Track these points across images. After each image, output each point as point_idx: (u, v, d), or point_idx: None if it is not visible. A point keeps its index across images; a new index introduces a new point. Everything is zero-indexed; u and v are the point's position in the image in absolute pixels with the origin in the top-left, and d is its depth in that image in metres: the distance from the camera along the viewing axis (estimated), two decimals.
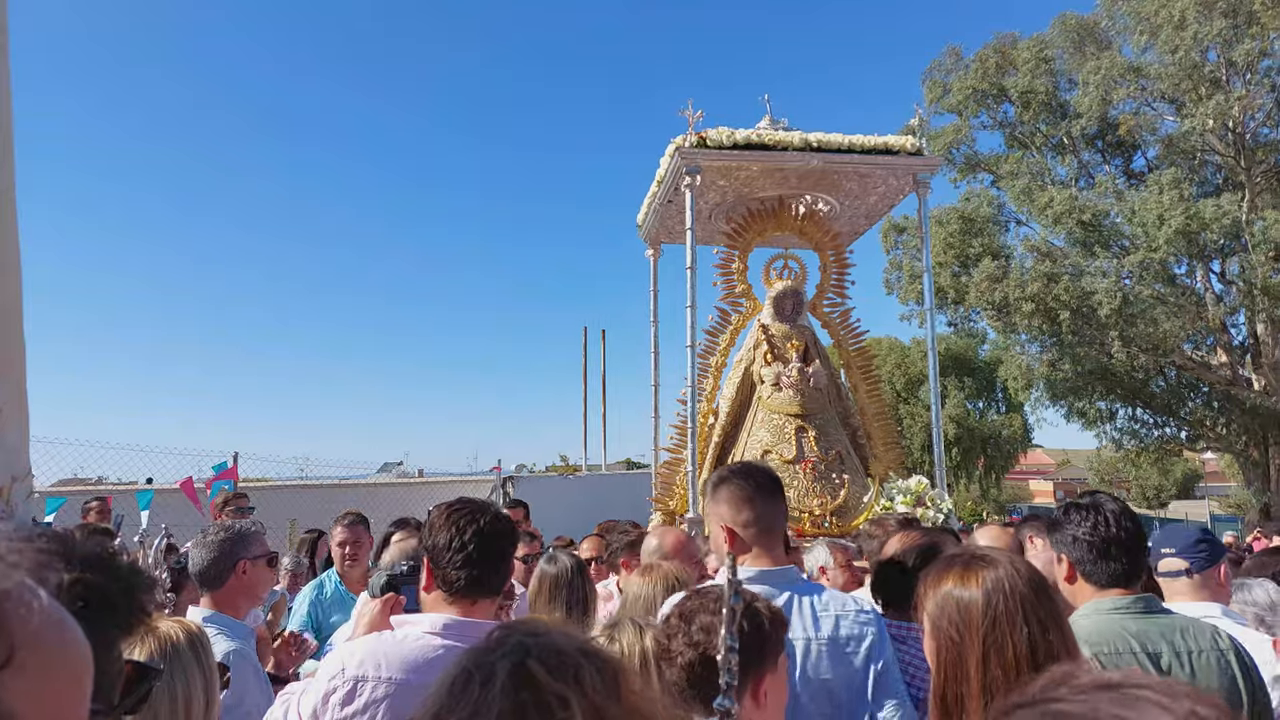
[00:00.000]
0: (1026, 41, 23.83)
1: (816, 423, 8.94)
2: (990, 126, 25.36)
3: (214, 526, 3.03)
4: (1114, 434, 25.24)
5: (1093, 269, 21.23)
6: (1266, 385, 21.56)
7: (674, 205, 10.01)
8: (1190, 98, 20.58)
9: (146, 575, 0.94)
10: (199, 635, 1.89)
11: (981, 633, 1.64)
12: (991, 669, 1.61)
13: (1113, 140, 23.28)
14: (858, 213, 10.69)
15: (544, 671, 0.87)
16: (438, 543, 2.10)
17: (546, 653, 0.89)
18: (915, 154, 9.41)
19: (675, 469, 9.46)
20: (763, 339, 9.31)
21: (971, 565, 1.74)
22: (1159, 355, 21.79)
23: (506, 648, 0.90)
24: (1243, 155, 21.05)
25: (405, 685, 1.91)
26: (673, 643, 1.78)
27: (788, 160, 8.96)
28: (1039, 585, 1.69)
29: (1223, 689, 2.12)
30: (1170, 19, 19.92)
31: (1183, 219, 19.09)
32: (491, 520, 2.14)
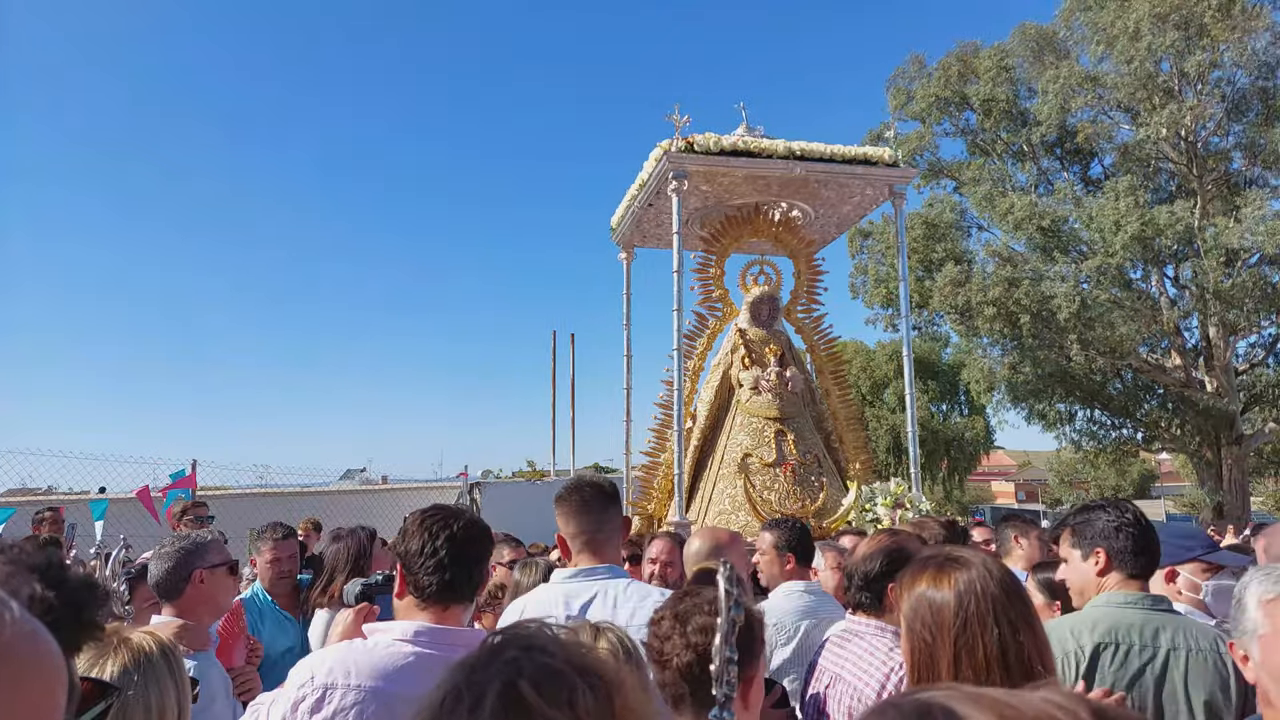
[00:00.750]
0: (988, 50, 24.26)
1: (794, 426, 9.05)
2: (953, 133, 25.80)
3: (171, 537, 2.95)
4: (1073, 435, 25.71)
5: (1052, 274, 21.66)
6: (1218, 387, 22.12)
7: (654, 209, 10.06)
8: (1145, 107, 21.09)
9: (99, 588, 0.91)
10: (170, 646, 1.89)
11: (953, 634, 1.65)
12: (963, 670, 1.62)
13: (1071, 148, 23.75)
14: (830, 221, 10.86)
15: (534, 694, 0.84)
16: (410, 548, 2.10)
17: (539, 672, 0.86)
18: (892, 165, 9.64)
19: (653, 472, 9.52)
20: (740, 343, 9.42)
21: (945, 567, 1.74)
22: (1116, 358, 22.28)
23: (498, 664, 0.88)
24: (1195, 163, 21.60)
25: (375, 692, 1.89)
26: (666, 645, 1.76)
27: (772, 167, 9.06)
28: (1011, 587, 1.69)
29: (1215, 688, 2.22)
30: (1126, 30, 20.41)
31: (1138, 225, 19.57)
32: (465, 526, 2.14)
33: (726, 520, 8.23)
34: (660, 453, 9.54)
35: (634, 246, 11.51)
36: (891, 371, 35.67)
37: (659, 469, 9.50)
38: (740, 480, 8.57)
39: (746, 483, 8.53)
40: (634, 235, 11.14)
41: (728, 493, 8.62)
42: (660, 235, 11.14)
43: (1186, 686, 2.23)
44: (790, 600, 3.48)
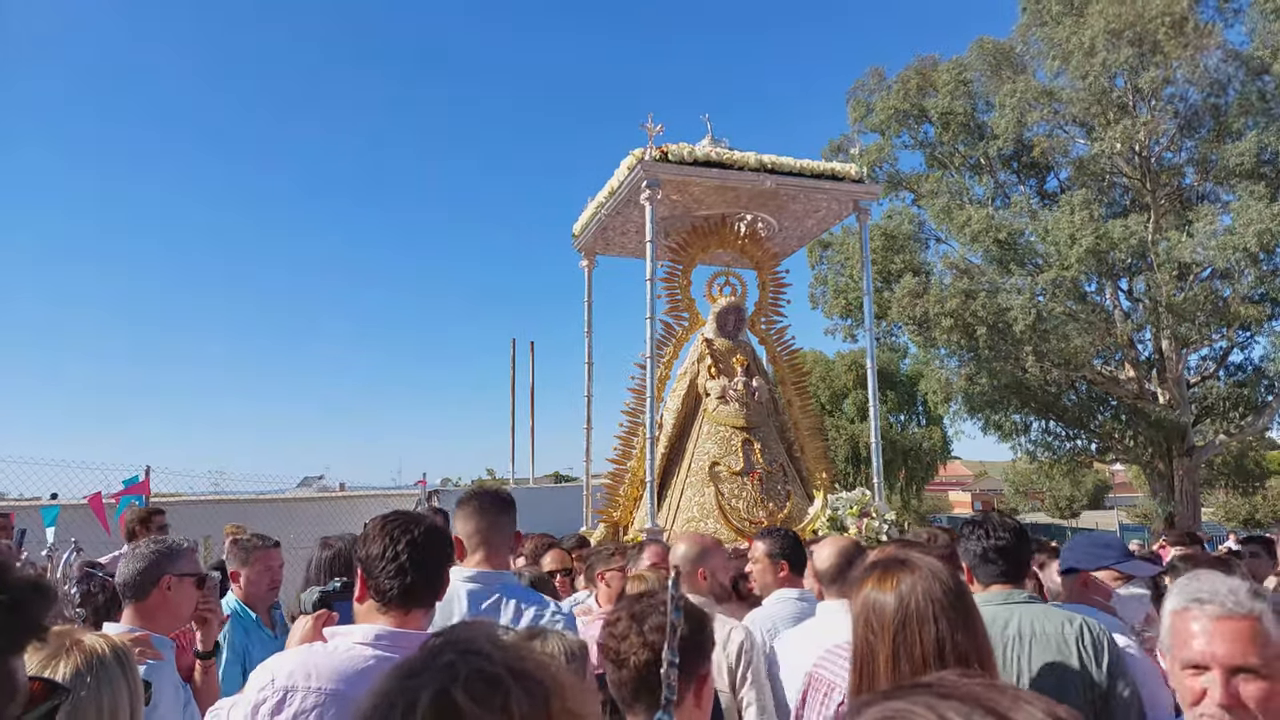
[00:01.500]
0: (946, 64, 24.46)
1: (760, 435, 9.16)
2: (911, 146, 25.95)
3: (146, 540, 2.99)
4: (1028, 446, 25.94)
5: (1008, 286, 21.83)
6: (1170, 399, 22.43)
7: (620, 216, 10.06)
8: (1099, 122, 21.37)
9: (47, 590, 0.93)
10: (123, 649, 1.86)
11: (891, 631, 1.70)
12: (901, 666, 1.67)
13: (1027, 161, 24.01)
14: (793, 233, 11.02)
15: (468, 700, 0.82)
16: (371, 553, 2.13)
17: (473, 676, 0.85)
18: (857, 181, 9.78)
19: (619, 480, 9.50)
20: (707, 352, 9.50)
21: (890, 569, 1.79)
22: (1070, 370, 22.50)
23: (434, 670, 0.86)
24: (1148, 178, 21.93)
25: (335, 695, 1.90)
26: (623, 644, 1.82)
27: (744, 179, 9.11)
28: (954, 589, 1.74)
29: (1055, 664, 2.47)
30: (1081, 46, 20.67)
31: (1093, 238, 19.77)
32: (425, 531, 2.17)
33: (696, 527, 8.24)
34: (626, 460, 9.54)
35: (595, 254, 11.40)
36: (850, 382, 35.83)
37: (624, 476, 9.48)
38: (709, 488, 8.64)
39: (716, 491, 8.57)
40: (596, 243, 11.03)
41: (696, 500, 8.68)
42: (624, 243, 11.11)
43: (1027, 667, 2.48)
44: (784, 607, 3.65)
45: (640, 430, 9.30)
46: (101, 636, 1.86)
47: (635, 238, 10.61)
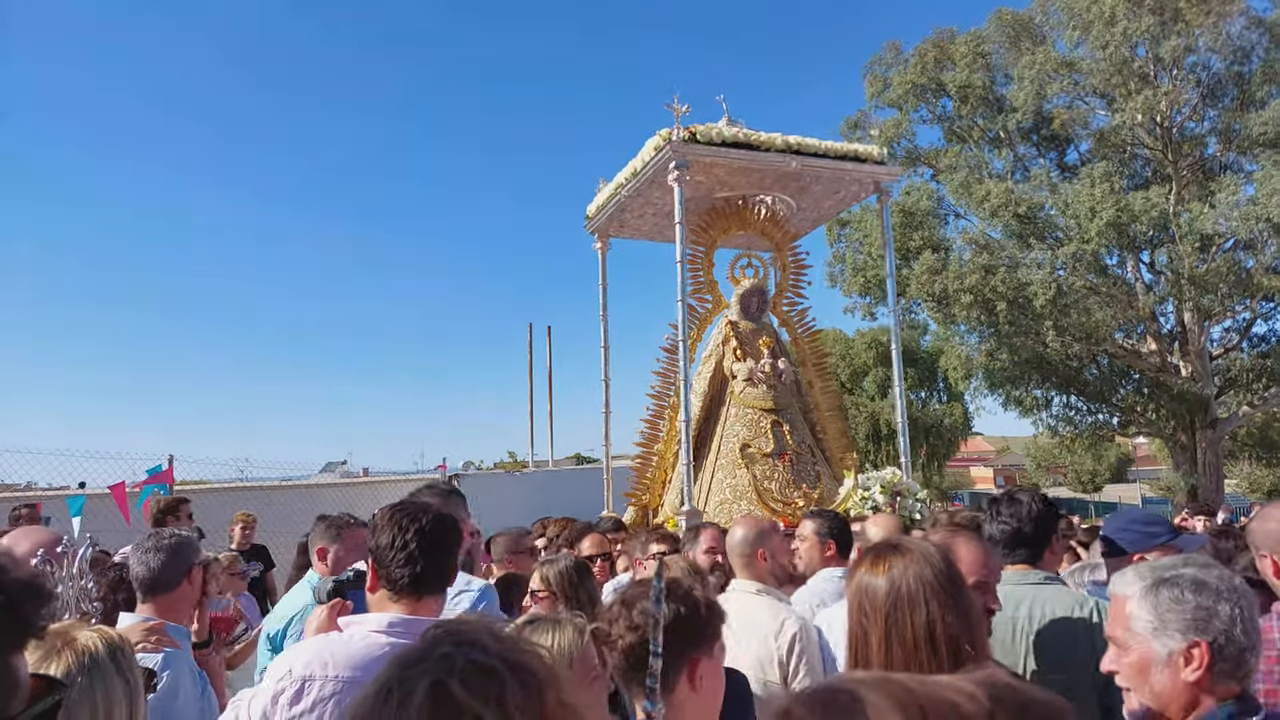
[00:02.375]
0: (964, 36, 24.21)
1: (788, 417, 9.21)
2: (929, 121, 25.76)
3: (164, 532, 3.00)
4: (1050, 421, 25.84)
5: (1028, 260, 21.70)
6: (1193, 372, 22.28)
7: (640, 198, 9.95)
8: (1120, 92, 21.12)
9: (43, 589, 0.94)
10: (120, 643, 1.85)
11: (883, 613, 1.73)
12: (893, 649, 1.70)
13: (1047, 134, 23.78)
14: (812, 214, 11.02)
15: (463, 690, 0.85)
16: (381, 542, 2.17)
17: (469, 668, 0.88)
18: (880, 163, 9.80)
19: (646, 462, 9.53)
20: (731, 335, 9.51)
21: (883, 553, 1.83)
22: (1092, 344, 22.38)
23: (431, 660, 0.89)
24: (1170, 149, 21.69)
25: (352, 683, 1.91)
26: (614, 628, 1.86)
27: (770, 161, 9.08)
28: (944, 572, 1.77)
29: (1061, 645, 2.54)
30: (1101, 15, 20.41)
31: (1113, 211, 19.61)
32: (433, 520, 2.20)
33: (729, 509, 8.30)
34: (653, 443, 9.55)
35: (609, 237, 11.33)
36: (870, 360, 35.74)
37: (652, 459, 9.50)
38: (741, 470, 8.69)
39: (749, 473, 8.63)
40: (610, 225, 10.96)
41: (728, 482, 8.71)
42: (639, 225, 11.04)
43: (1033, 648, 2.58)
44: (830, 585, 3.72)
45: (666, 413, 9.35)
46: (97, 632, 1.85)
47: (652, 220, 10.61)
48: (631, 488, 9.53)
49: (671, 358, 9.43)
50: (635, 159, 9.48)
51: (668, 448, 9.34)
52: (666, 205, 9.94)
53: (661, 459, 9.37)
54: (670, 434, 9.36)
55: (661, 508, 9.06)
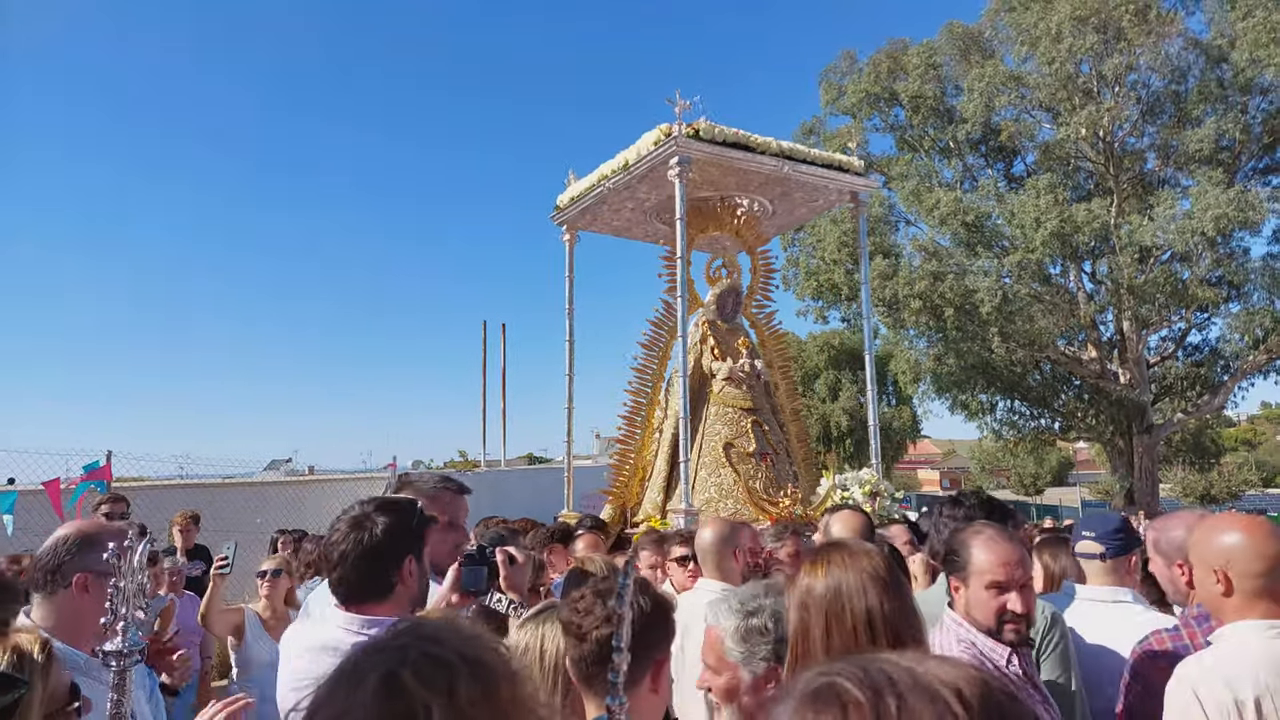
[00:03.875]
0: (916, 48, 24.68)
1: (765, 417, 9.29)
2: (882, 129, 26.20)
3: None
4: (994, 425, 26.44)
5: (975, 268, 22.22)
6: (1131, 379, 23.01)
7: (625, 192, 9.78)
8: (1065, 107, 21.73)
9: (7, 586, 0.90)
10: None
11: (824, 606, 1.78)
12: (833, 639, 1.75)
13: (995, 145, 24.34)
14: (782, 220, 11.08)
15: (414, 680, 0.87)
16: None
17: (423, 660, 0.90)
18: (859, 174, 10.00)
19: (625, 460, 9.51)
20: (709, 334, 9.54)
21: (820, 554, 1.91)
22: (1035, 350, 22.99)
23: (389, 650, 0.92)
24: (1111, 163, 22.36)
25: None
26: (585, 620, 1.83)
27: (764, 164, 9.11)
28: (882, 566, 1.84)
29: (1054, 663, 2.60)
30: (1048, 31, 20.98)
31: (1057, 222, 20.18)
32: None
33: (715, 508, 8.34)
34: (630, 440, 9.49)
35: (578, 229, 11.01)
36: (822, 362, 36.23)
37: (630, 457, 9.47)
38: (725, 469, 8.74)
39: (734, 472, 8.69)
40: (582, 218, 10.69)
41: (712, 481, 8.74)
42: (611, 220, 10.80)
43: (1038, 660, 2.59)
44: None
45: (642, 410, 9.37)
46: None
47: (628, 215, 10.50)
48: (609, 485, 9.48)
49: (649, 353, 9.48)
50: (627, 151, 9.31)
51: (645, 445, 9.37)
52: (649, 200, 9.89)
53: (639, 457, 9.36)
54: (648, 432, 9.41)
55: (640, 507, 9.05)
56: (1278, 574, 2.03)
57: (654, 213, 10.35)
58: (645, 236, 11.19)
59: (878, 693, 0.68)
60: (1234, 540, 2.07)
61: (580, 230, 11.09)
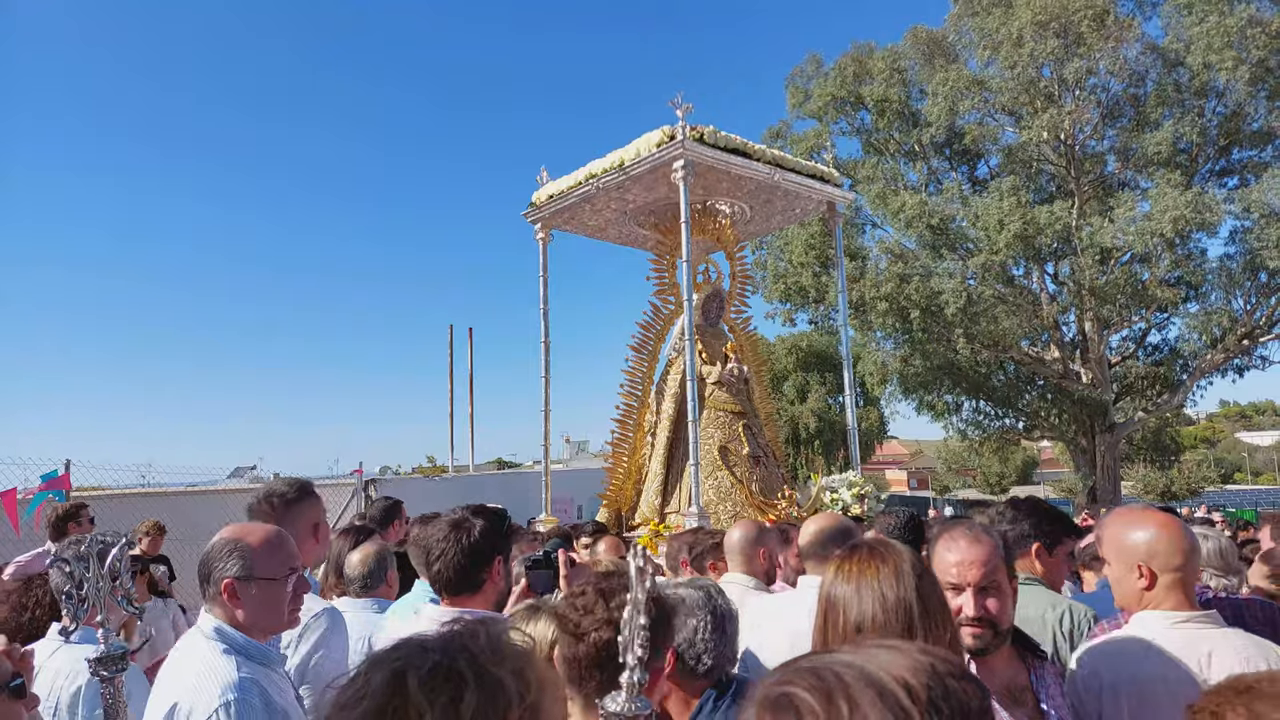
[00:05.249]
0: (882, 52, 24.92)
1: (752, 420, 9.35)
2: (849, 132, 26.42)
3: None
4: (960, 425, 26.75)
5: (940, 270, 22.46)
6: (1093, 379, 23.36)
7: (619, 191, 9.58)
8: (1027, 111, 22.05)
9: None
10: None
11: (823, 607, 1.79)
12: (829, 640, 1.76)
13: (959, 149, 24.64)
14: (758, 225, 11.10)
15: (417, 685, 0.88)
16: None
17: (436, 669, 0.89)
18: (838, 185, 10.12)
19: (619, 463, 9.49)
20: (697, 338, 9.48)
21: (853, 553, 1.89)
22: (999, 351, 23.27)
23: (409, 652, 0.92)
24: (1072, 165, 22.71)
25: None
26: (585, 620, 1.76)
27: (758, 171, 9.13)
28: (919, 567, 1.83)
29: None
30: (1010, 36, 21.27)
31: (1020, 224, 20.46)
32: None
33: (714, 510, 8.35)
34: (623, 444, 9.45)
35: (551, 228, 10.68)
36: (790, 365, 36.37)
37: (623, 460, 9.44)
38: (721, 471, 8.77)
39: (730, 474, 8.73)
40: (557, 217, 10.44)
41: (708, 483, 8.74)
42: (590, 221, 10.59)
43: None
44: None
45: (634, 413, 9.34)
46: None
47: (608, 216, 10.33)
48: (604, 489, 9.44)
49: (639, 356, 9.46)
50: (623, 151, 9.16)
51: (637, 449, 9.33)
52: (633, 202, 9.77)
53: (632, 460, 9.32)
54: (639, 435, 9.37)
55: (638, 509, 9.02)
56: (1191, 567, 2.14)
57: (635, 215, 10.26)
58: (620, 238, 11.09)
59: (829, 697, 0.71)
60: (1154, 535, 2.15)
61: (554, 229, 10.79)
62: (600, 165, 9.46)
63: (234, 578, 2.16)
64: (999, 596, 2.12)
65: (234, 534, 2.24)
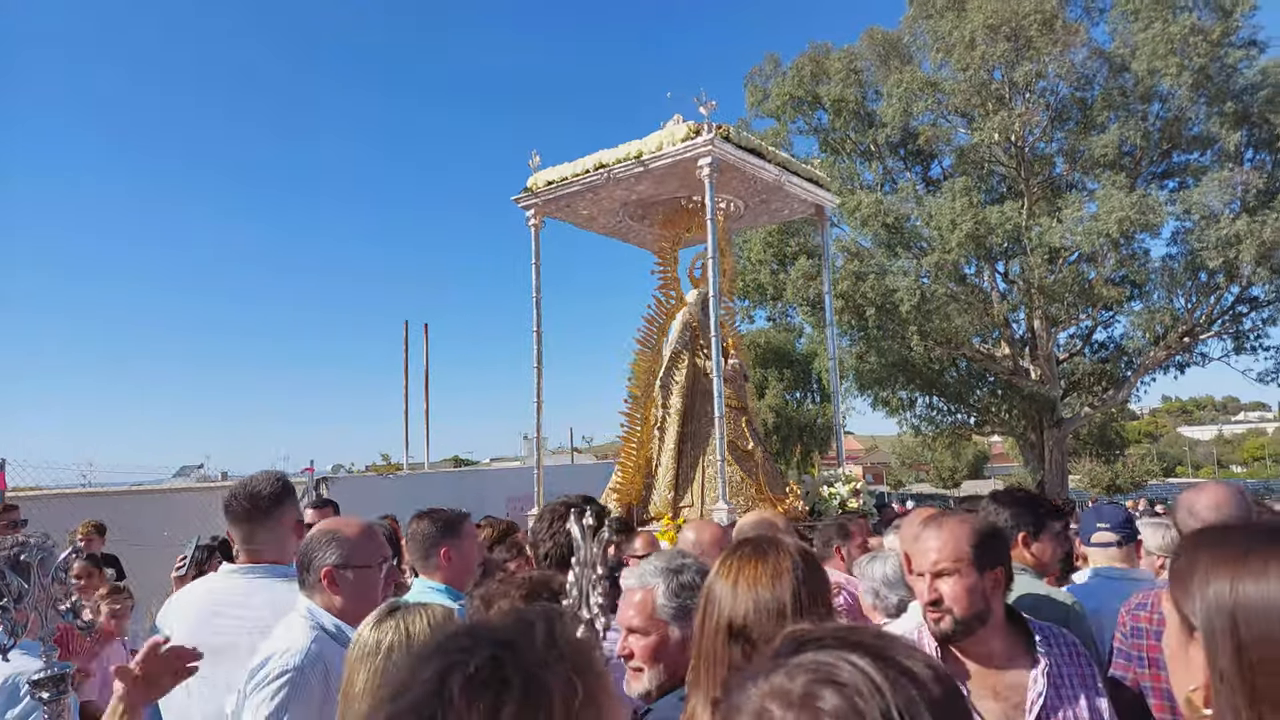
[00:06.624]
0: (838, 52, 25.19)
1: (751, 415, 9.41)
2: (806, 131, 26.70)
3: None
4: (914, 420, 27.21)
5: (895, 268, 22.83)
6: (1042, 375, 23.93)
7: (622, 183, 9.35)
8: (979, 113, 22.49)
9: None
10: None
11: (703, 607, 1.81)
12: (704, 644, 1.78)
13: (914, 149, 25.03)
14: (744, 224, 11.15)
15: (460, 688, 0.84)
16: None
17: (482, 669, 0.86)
18: (827, 189, 10.24)
19: (629, 457, 9.41)
20: (699, 333, 9.52)
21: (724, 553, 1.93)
22: (952, 348, 23.73)
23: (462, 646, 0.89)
24: (1022, 167, 23.22)
25: None
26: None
27: (766, 171, 9.17)
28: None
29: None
30: (962, 39, 21.68)
31: (972, 224, 20.89)
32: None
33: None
34: (632, 438, 9.39)
35: (544, 216, 10.31)
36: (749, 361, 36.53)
37: (633, 453, 9.36)
38: (731, 466, 8.71)
39: (738, 468, 8.73)
40: (551, 204, 10.10)
41: (719, 478, 8.63)
42: (581, 210, 10.32)
43: None
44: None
45: (637, 409, 9.34)
46: None
47: (605, 206, 10.12)
48: (615, 484, 9.35)
49: (644, 350, 9.46)
50: (641, 143, 8.97)
51: (645, 443, 9.34)
52: (634, 195, 9.66)
53: (640, 454, 9.29)
54: (646, 429, 9.40)
55: (651, 504, 8.97)
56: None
57: (632, 208, 10.17)
58: (608, 230, 10.94)
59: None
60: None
61: (547, 216, 10.42)
62: (612, 155, 9.24)
63: (332, 565, 2.32)
64: (954, 582, 2.15)
65: (331, 526, 2.43)
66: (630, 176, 9.27)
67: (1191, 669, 1.08)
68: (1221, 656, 1.02)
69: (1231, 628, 1.02)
